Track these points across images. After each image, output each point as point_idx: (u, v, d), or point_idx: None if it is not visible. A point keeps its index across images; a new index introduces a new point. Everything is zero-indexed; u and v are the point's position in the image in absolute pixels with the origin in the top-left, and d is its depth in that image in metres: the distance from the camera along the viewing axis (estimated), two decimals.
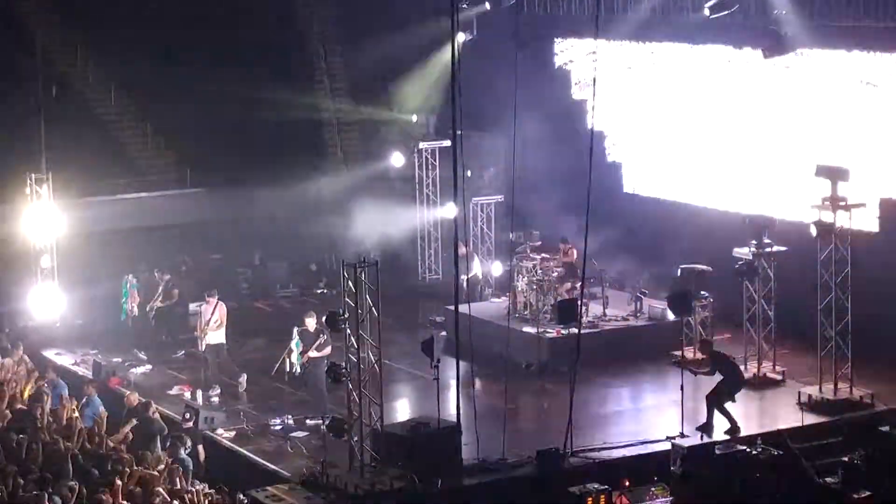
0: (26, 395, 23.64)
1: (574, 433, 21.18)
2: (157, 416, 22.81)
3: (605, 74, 29.96)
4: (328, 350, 23.52)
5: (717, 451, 20.56)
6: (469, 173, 28.99)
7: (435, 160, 32.68)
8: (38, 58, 30.66)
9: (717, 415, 22.04)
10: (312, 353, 23.76)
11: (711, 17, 26.54)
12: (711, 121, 28.84)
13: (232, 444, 22.57)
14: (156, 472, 19.44)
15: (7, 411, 22.24)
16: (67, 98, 31.94)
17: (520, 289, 27.34)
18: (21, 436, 20.47)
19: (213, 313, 25.45)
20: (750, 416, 22.87)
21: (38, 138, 28.85)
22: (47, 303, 28.65)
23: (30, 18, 32.81)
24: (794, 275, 24.49)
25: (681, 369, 22.18)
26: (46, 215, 28.84)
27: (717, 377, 22.28)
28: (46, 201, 28.75)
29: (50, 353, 27.36)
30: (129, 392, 23.96)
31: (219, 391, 24.90)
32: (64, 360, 27.18)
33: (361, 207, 31.46)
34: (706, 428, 21.86)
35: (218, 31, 34.39)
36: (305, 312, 24.70)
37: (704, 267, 25.64)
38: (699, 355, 24.07)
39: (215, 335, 25.47)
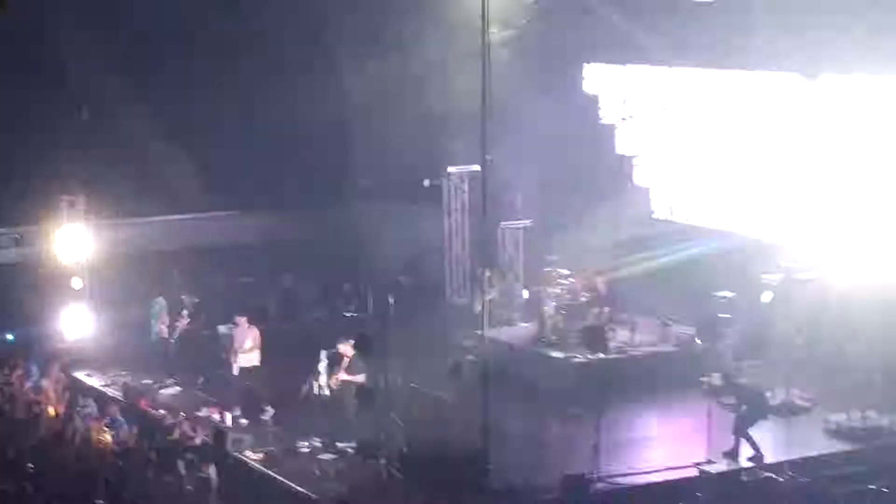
0: (54, 413, 23.76)
1: (601, 459, 21.19)
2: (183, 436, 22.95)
3: (632, 98, 30.11)
4: (362, 377, 23.43)
5: (744, 479, 20.55)
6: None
7: (464, 184, 32.76)
8: (72, 79, 30.90)
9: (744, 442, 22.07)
10: (343, 376, 23.78)
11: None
12: (740, 145, 28.82)
13: (259, 467, 22.65)
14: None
15: (42, 430, 22.43)
16: (100, 120, 32.16)
17: (548, 314, 27.39)
18: (54, 454, 20.64)
19: (246, 337, 25.51)
20: (777, 442, 22.83)
21: (71, 160, 29.04)
22: (78, 324, 28.83)
23: (62, 40, 33.04)
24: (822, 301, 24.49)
25: (707, 399, 22.20)
26: (78, 237, 29.05)
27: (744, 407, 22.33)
28: (78, 223, 28.96)
29: (80, 374, 27.50)
30: (161, 412, 24.14)
31: (239, 412, 24.95)
32: (94, 381, 27.32)
33: (390, 231, 31.58)
34: (732, 454, 21.87)
35: (252, 54, 34.59)
36: (338, 337, 24.67)
37: (731, 294, 25.66)
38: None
39: (248, 358, 25.54)
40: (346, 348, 23.82)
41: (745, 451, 21.99)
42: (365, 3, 33.83)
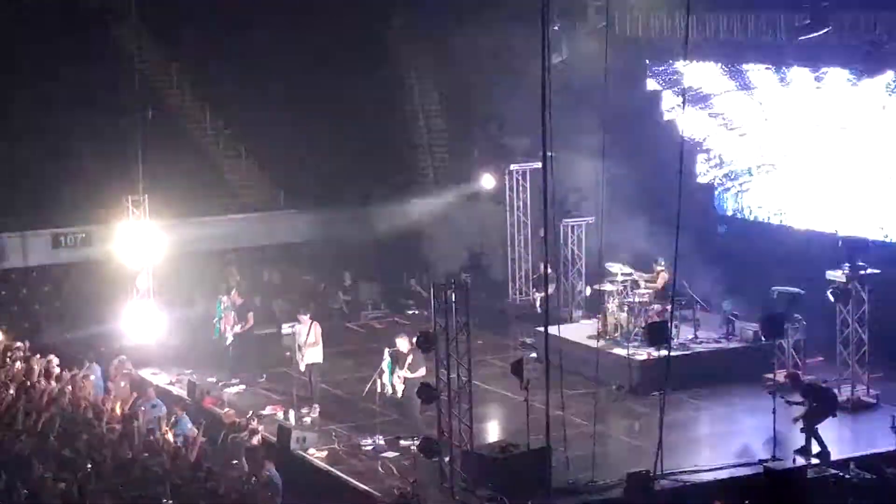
0: (118, 412, 23.86)
1: (665, 456, 21.10)
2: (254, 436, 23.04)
3: (695, 96, 29.95)
4: (422, 371, 23.52)
5: (810, 475, 20.39)
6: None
7: (525, 181, 32.71)
8: (135, 80, 31.12)
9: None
10: (406, 374, 23.81)
11: (800, 38, 26.32)
12: (805, 141, 28.62)
13: (323, 464, 22.72)
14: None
15: (106, 428, 22.55)
16: (163, 120, 32.39)
17: (610, 311, 27.30)
18: (118, 453, 20.76)
19: (308, 333, 25.62)
20: (843, 439, 22.67)
21: (136, 160, 29.25)
22: (144, 323, 29.02)
23: (125, 42, 33.36)
24: (889, 298, 24.27)
25: (773, 396, 22.03)
26: (143, 236, 29.24)
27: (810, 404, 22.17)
28: (143, 222, 29.17)
29: (146, 373, 27.68)
30: (226, 410, 24.23)
31: (318, 409, 25.05)
32: (159, 379, 27.49)
33: (452, 229, 31.59)
34: (804, 452, 21.72)
35: (312, 54, 34.77)
36: (397, 334, 24.79)
37: (797, 290, 25.46)
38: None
39: (312, 354, 25.63)
40: (403, 343, 23.87)
41: (813, 448, 21.84)
42: (426, 5, 34.01)
